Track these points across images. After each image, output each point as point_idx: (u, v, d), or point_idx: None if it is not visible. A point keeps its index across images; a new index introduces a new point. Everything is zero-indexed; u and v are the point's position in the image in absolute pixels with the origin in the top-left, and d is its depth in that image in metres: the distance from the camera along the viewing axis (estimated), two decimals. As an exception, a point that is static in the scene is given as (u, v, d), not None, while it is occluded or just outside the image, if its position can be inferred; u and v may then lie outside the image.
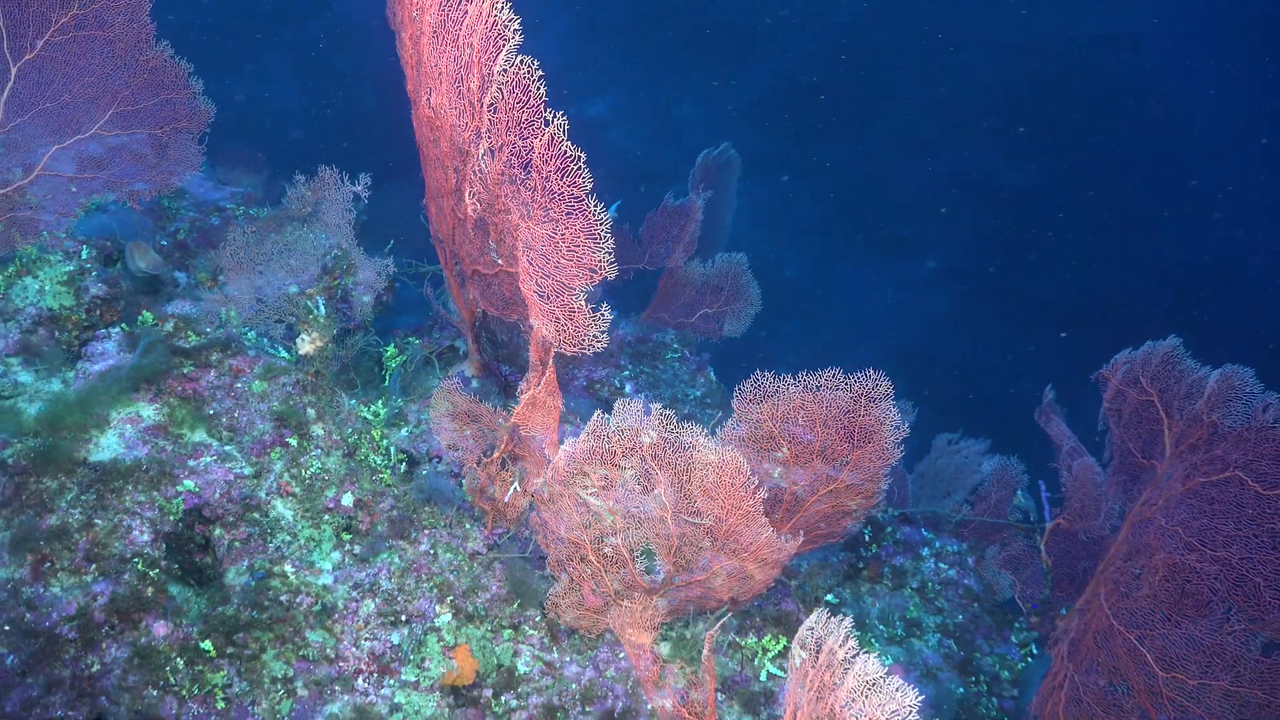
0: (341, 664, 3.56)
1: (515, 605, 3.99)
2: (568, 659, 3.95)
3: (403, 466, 4.32)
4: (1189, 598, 3.54)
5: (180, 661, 3.28)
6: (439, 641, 3.74)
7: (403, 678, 3.61)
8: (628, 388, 5.46)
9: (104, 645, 3.22)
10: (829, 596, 4.34)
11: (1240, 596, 3.47)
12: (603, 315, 3.43)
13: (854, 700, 2.40)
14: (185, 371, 4.14)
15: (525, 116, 3.29)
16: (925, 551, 4.80)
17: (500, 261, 4.09)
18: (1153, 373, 4.23)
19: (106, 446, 3.79)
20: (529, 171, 3.37)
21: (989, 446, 5.32)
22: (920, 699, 2.14)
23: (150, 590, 3.38)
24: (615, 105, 12.96)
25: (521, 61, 3.25)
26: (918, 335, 13.11)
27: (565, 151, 3.21)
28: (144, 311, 4.33)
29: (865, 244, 13.12)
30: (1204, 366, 4.03)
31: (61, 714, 3.03)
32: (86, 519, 3.48)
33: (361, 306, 5.31)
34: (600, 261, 3.30)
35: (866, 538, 4.72)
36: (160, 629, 3.32)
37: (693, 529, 3.63)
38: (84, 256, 4.44)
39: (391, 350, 5.17)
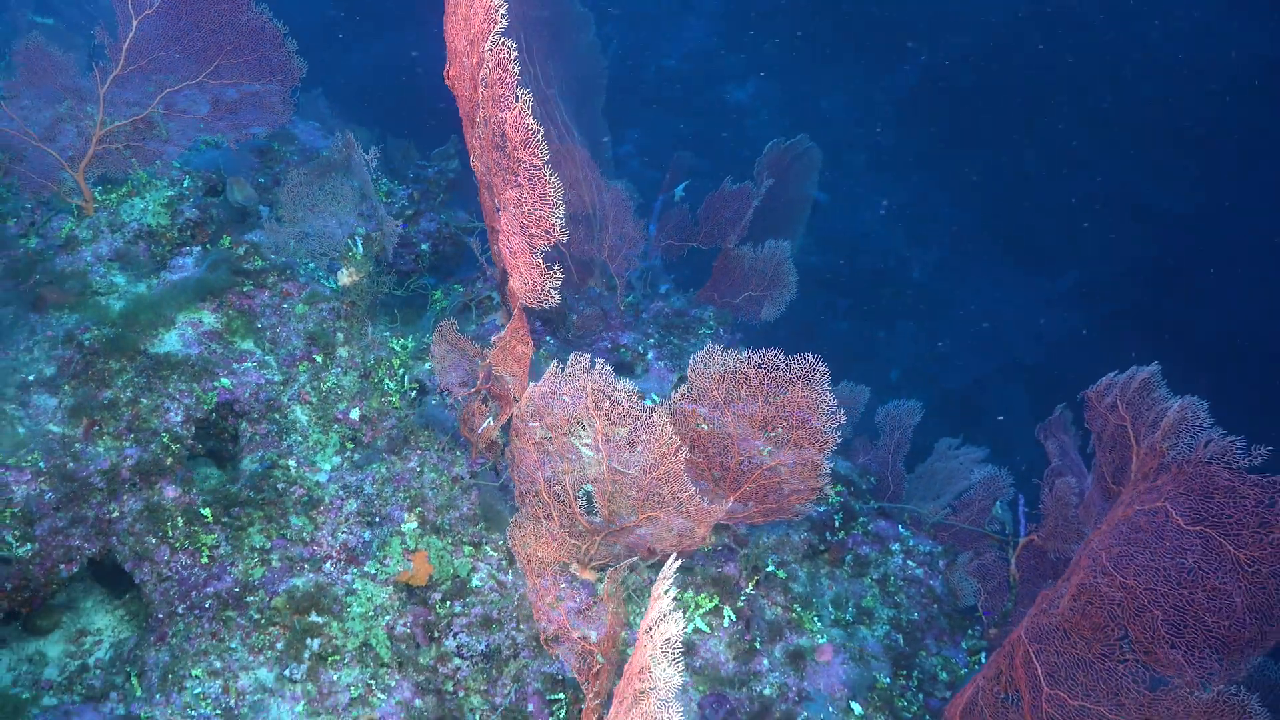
0: (315, 548, 4.17)
1: (480, 526, 4.48)
2: (520, 582, 4.40)
3: (413, 394, 4.88)
4: (1088, 620, 3.53)
5: (181, 520, 3.97)
6: (402, 544, 4.28)
7: (364, 569, 4.18)
8: (650, 354, 5.80)
9: (124, 497, 3.95)
10: (771, 567, 4.56)
11: (1137, 627, 3.43)
12: (555, 274, 3.81)
13: (652, 626, 2.73)
14: (245, 289, 4.86)
15: (503, 92, 3.70)
16: (896, 547, 4.89)
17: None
18: (1130, 398, 4.16)
19: (167, 342, 4.55)
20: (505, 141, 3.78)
21: (986, 455, 5.29)
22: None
23: (170, 460, 4.10)
24: (760, 92, 13.08)
25: (504, 42, 3.65)
26: (1043, 353, 12.58)
27: (528, 125, 3.60)
28: (225, 236, 5.10)
29: (1000, 253, 12.67)
30: (1174, 397, 3.94)
31: (78, 544, 3.78)
32: (134, 397, 4.24)
33: (420, 254, 5.93)
34: (554, 224, 3.68)
35: (837, 523, 4.87)
36: (170, 492, 4.03)
37: (624, 478, 3.98)
38: (185, 185, 5.25)
39: (438, 294, 5.76)
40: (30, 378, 4.18)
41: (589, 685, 3.82)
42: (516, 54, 3.66)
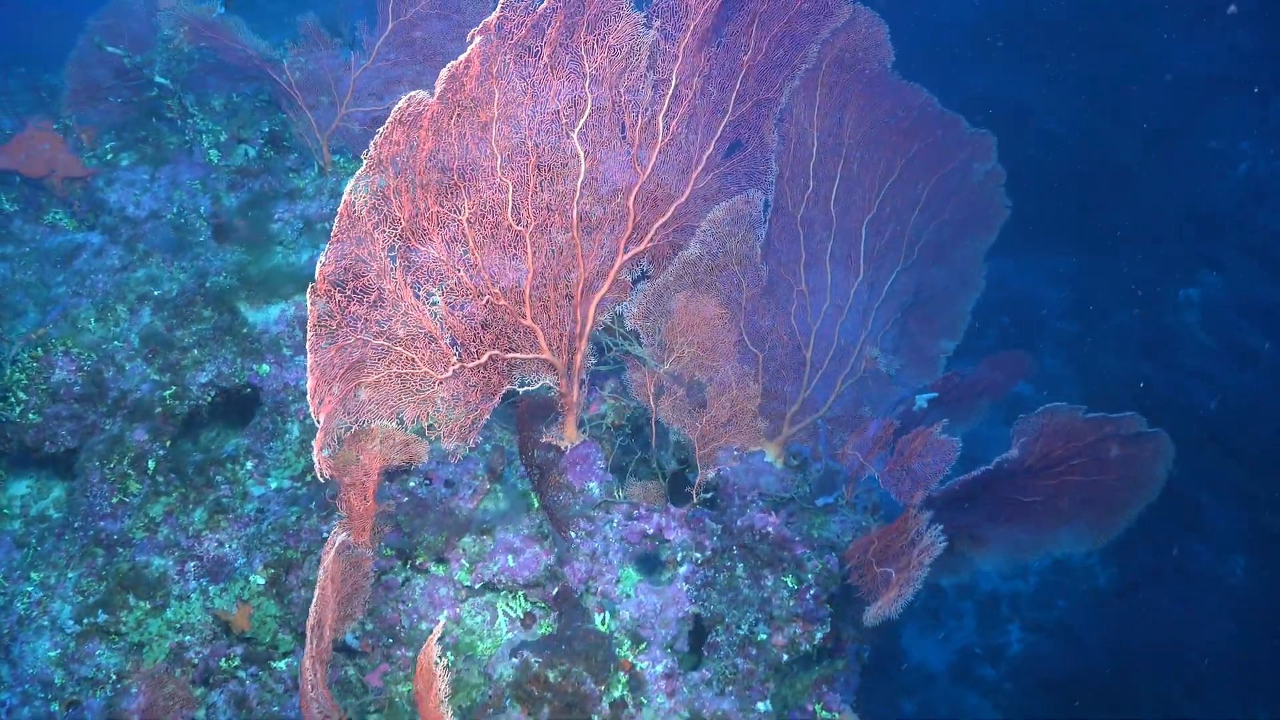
0: (193, 544, 4.56)
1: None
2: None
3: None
4: None
5: (126, 461, 4.65)
6: (243, 588, 4.44)
7: (209, 589, 4.47)
8: (684, 569, 4.68)
9: (116, 417, 4.77)
10: None
11: None
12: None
13: None
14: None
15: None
16: None
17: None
18: None
19: (266, 312, 5.15)
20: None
21: None
22: None
23: (159, 410, 4.78)
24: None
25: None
26: None
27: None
28: (395, 237, 5.41)
29: None
30: None
31: (64, 435, 4.72)
32: (191, 345, 4.96)
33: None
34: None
35: None
36: (139, 435, 4.73)
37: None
38: (405, 178, 5.62)
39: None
40: (156, 293, 5.16)
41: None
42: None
